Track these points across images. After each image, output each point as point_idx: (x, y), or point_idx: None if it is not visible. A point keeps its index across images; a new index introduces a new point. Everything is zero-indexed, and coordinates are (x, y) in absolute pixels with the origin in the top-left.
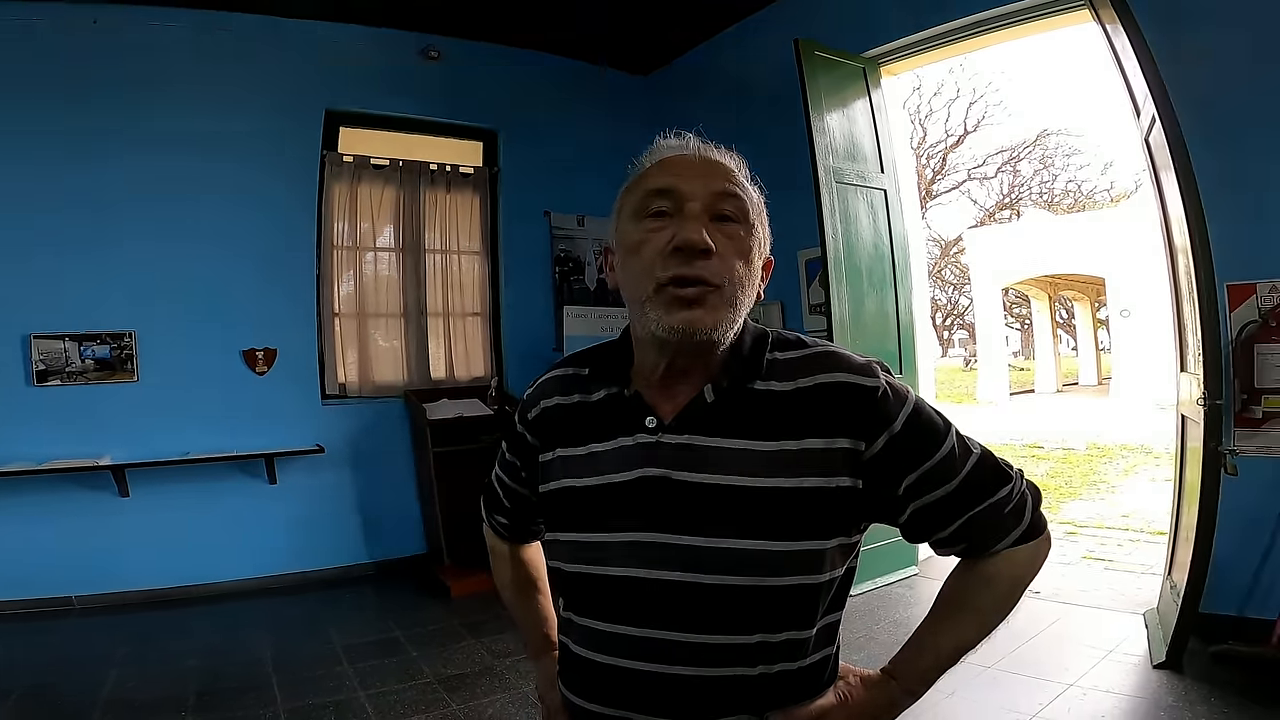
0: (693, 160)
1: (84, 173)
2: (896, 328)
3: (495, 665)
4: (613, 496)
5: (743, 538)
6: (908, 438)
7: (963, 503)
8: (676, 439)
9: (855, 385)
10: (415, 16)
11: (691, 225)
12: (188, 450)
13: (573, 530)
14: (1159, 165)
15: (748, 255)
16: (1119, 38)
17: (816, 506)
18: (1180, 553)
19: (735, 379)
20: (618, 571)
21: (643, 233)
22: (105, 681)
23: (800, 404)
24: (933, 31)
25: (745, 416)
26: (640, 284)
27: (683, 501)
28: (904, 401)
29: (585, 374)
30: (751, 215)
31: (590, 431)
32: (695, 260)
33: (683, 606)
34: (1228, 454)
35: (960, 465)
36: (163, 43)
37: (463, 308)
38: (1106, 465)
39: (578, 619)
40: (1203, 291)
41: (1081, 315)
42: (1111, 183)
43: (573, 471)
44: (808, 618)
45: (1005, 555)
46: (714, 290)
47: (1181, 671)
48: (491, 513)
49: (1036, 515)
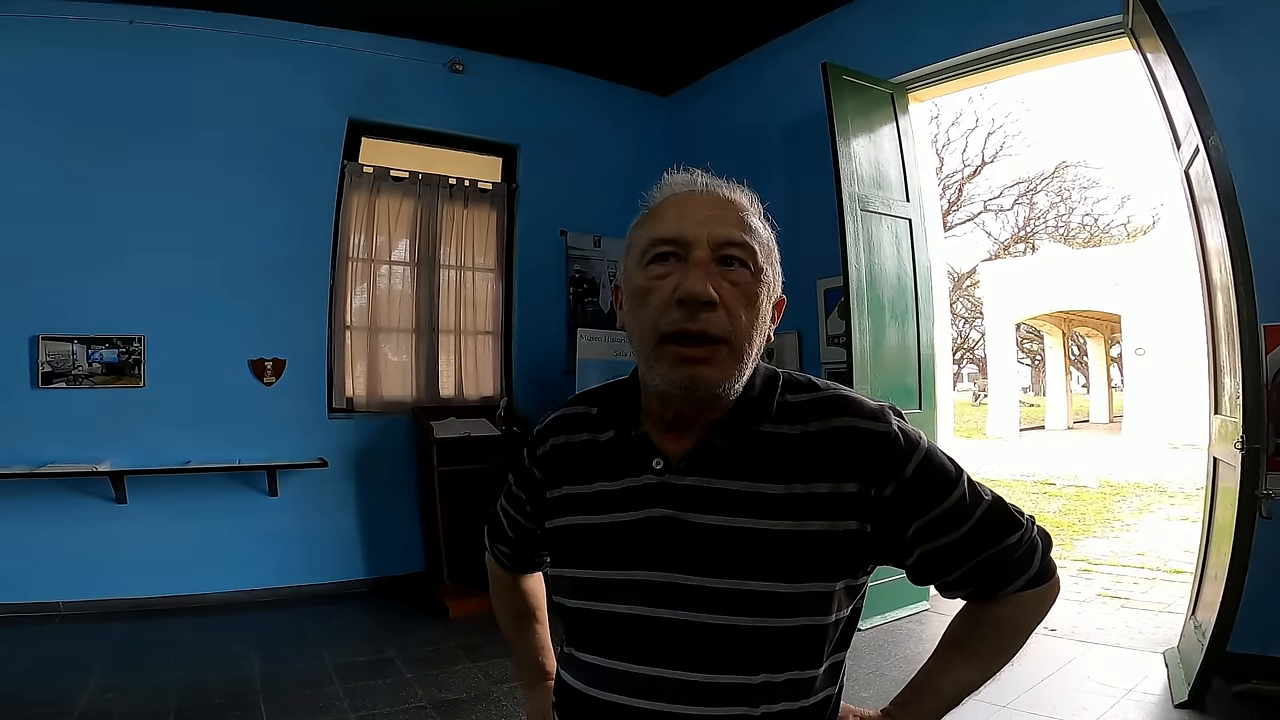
0: (701, 202)
1: (104, 175)
2: (918, 361)
3: (492, 691)
4: (619, 535)
5: (749, 579)
6: (918, 484)
7: (971, 548)
8: (683, 480)
9: (866, 431)
10: (442, 29)
11: (695, 275)
12: (189, 459)
13: (578, 567)
14: (1199, 198)
15: (755, 301)
16: (1161, 66)
17: (823, 549)
18: (1207, 592)
19: (744, 422)
20: (622, 609)
21: (647, 279)
22: (83, 691)
23: (810, 448)
24: (964, 58)
25: (753, 459)
26: (645, 334)
27: (690, 542)
28: (915, 448)
29: (594, 413)
30: (760, 259)
31: (598, 470)
32: (699, 313)
33: (687, 646)
34: (1264, 498)
35: (970, 511)
36: (190, 45)
37: (475, 325)
38: (1120, 503)
39: (579, 654)
40: (1244, 332)
41: (1095, 352)
42: (1129, 217)
43: (579, 509)
44: (813, 658)
45: (1012, 599)
46: (720, 345)
47: (1205, 711)
48: (495, 542)
49: (1045, 561)
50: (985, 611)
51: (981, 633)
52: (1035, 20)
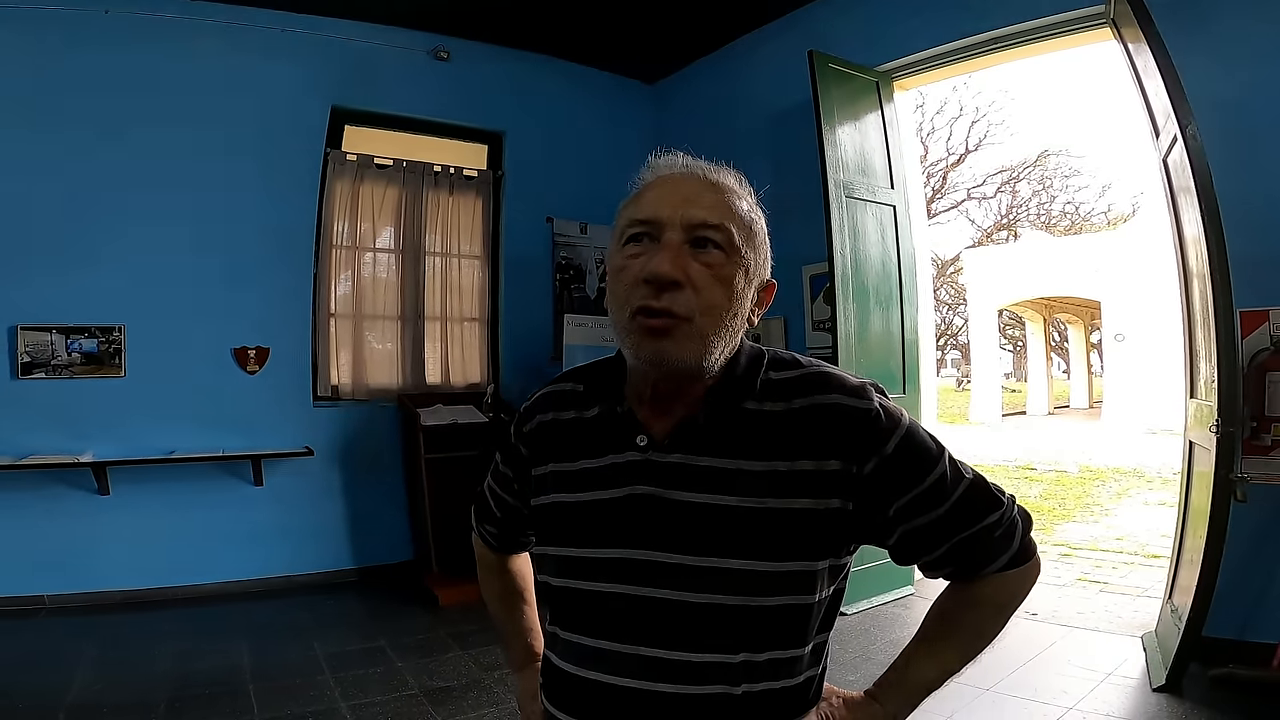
0: (680, 184)
1: (82, 164)
2: (901, 346)
3: (483, 678)
4: (602, 513)
5: (732, 557)
6: (899, 461)
7: (951, 527)
8: (666, 458)
9: (848, 407)
10: (427, 16)
11: (662, 256)
12: (172, 449)
13: (561, 545)
14: (1177, 187)
15: (730, 283)
16: (1141, 55)
17: (807, 527)
18: (1183, 576)
19: (728, 399)
20: (604, 588)
21: (623, 259)
22: (70, 684)
23: (793, 425)
24: (948, 47)
25: (737, 436)
26: (617, 310)
27: (672, 520)
28: (897, 425)
29: (581, 390)
30: (738, 240)
31: (582, 448)
32: (664, 292)
33: (668, 624)
34: (1238, 481)
35: (951, 490)
36: (169, 33)
37: (461, 313)
38: (1099, 488)
39: (563, 633)
40: (1219, 318)
41: (1075, 338)
42: (1109, 205)
43: (564, 487)
44: (796, 638)
45: (993, 579)
46: (683, 323)
47: (1181, 695)
48: (481, 522)
49: (1026, 540)
50: (967, 592)
51: (963, 613)
52: (1020, 9)
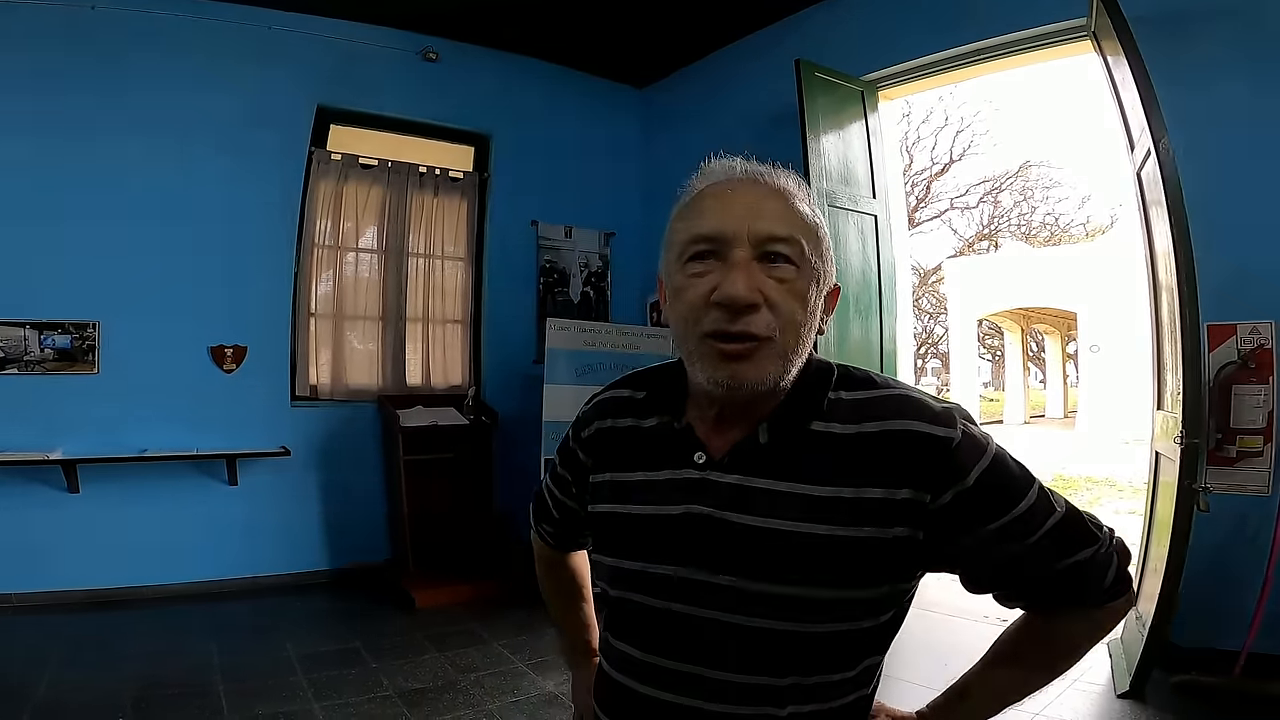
0: (741, 193)
1: (60, 158)
2: (880, 356)
3: (459, 680)
4: (657, 528)
5: (786, 584)
6: (980, 493)
7: (1036, 562)
8: (724, 478)
9: (925, 435)
10: (416, 17)
11: (734, 276)
12: (145, 447)
13: (617, 556)
14: (1149, 200)
15: (804, 296)
16: (1120, 69)
17: (868, 556)
18: (1148, 584)
19: (793, 419)
20: (655, 603)
21: (685, 278)
22: (37, 684)
23: (862, 449)
24: (934, 57)
25: (799, 459)
26: (684, 332)
27: (727, 541)
28: (981, 454)
29: (640, 398)
30: (808, 250)
31: (640, 459)
32: (740, 316)
33: (717, 645)
34: (1202, 492)
35: (1038, 525)
36: (155, 29)
37: (443, 314)
38: (1072, 497)
39: (614, 641)
40: (1187, 331)
41: (1051, 348)
42: (1088, 217)
43: (620, 498)
44: (846, 662)
45: (1074, 615)
46: (763, 343)
47: (1145, 701)
48: (540, 522)
49: (1118, 576)
50: (1046, 625)
51: (1037, 647)
52: (1004, 21)
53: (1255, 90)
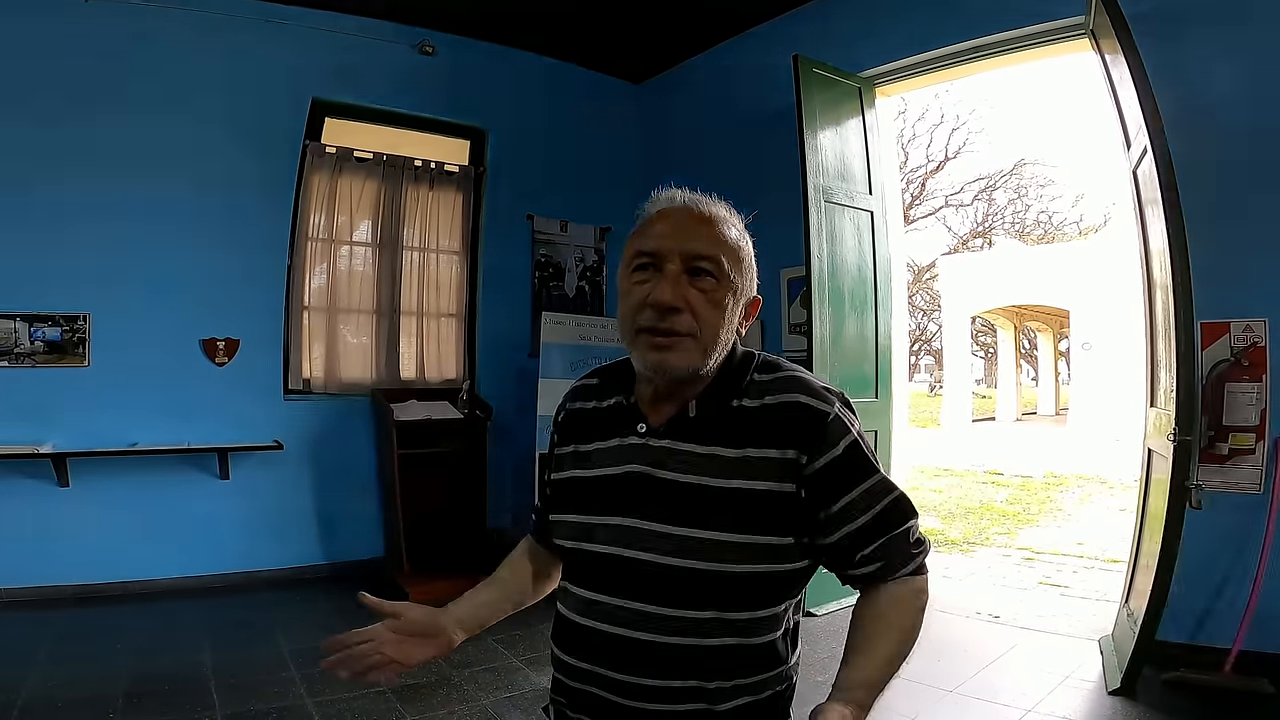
0: (678, 219)
1: (53, 151)
2: (875, 351)
3: (453, 676)
4: (604, 486)
5: (703, 529)
6: (845, 463)
7: (883, 526)
8: (660, 443)
9: (809, 407)
10: (413, 10)
11: (664, 285)
12: (136, 441)
13: (572, 512)
14: (1145, 199)
15: (721, 304)
16: (1118, 67)
17: (768, 506)
18: (1139, 581)
19: (718, 397)
20: (603, 549)
21: (630, 284)
22: (26, 679)
23: (763, 419)
24: (931, 54)
25: (719, 428)
26: (626, 326)
27: (659, 495)
28: (848, 432)
29: (599, 384)
30: (728, 267)
31: (596, 432)
32: (667, 316)
33: (651, 582)
34: (1194, 489)
35: (883, 496)
36: (149, 20)
37: (438, 308)
38: (1063, 493)
39: (570, 587)
40: (1180, 329)
41: (1044, 346)
42: (1081, 215)
43: (579, 464)
44: (757, 602)
45: (907, 581)
46: (684, 338)
47: (1135, 698)
48: (533, 511)
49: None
50: (886, 592)
51: (889, 609)
52: (1002, 19)
53: (1252, 89)
